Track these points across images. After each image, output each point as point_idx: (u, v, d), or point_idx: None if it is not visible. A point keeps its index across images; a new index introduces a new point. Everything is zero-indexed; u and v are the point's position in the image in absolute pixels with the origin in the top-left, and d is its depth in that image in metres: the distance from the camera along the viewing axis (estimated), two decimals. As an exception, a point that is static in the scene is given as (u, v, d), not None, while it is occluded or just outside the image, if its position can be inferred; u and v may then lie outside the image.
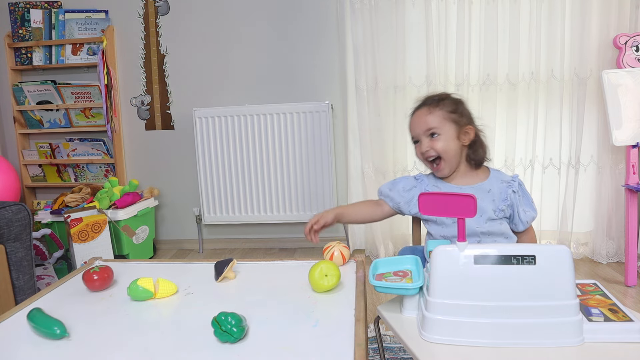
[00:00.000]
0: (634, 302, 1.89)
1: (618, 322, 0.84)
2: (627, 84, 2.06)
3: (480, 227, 1.17)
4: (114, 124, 2.65)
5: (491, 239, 1.18)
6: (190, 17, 2.65)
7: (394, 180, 1.33)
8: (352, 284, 0.99)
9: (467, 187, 1.21)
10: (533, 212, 1.24)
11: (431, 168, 1.26)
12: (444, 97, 1.25)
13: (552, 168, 2.37)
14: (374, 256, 2.52)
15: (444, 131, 1.20)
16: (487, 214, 1.18)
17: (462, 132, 1.21)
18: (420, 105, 1.27)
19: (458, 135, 1.21)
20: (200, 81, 2.69)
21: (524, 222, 1.22)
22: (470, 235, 1.17)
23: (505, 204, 1.19)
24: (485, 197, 1.20)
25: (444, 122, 1.20)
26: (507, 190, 1.21)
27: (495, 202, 1.19)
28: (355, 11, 2.36)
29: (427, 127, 1.21)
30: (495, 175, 1.25)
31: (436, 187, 1.24)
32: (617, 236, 2.31)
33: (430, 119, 1.21)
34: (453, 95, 1.27)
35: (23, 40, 2.68)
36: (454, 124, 1.21)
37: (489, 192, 1.21)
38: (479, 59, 2.34)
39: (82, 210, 2.22)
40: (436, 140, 1.20)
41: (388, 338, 1.63)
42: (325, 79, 2.60)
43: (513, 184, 1.22)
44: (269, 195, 2.60)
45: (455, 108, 1.23)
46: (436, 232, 1.23)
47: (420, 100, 1.29)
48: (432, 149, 1.20)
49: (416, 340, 0.85)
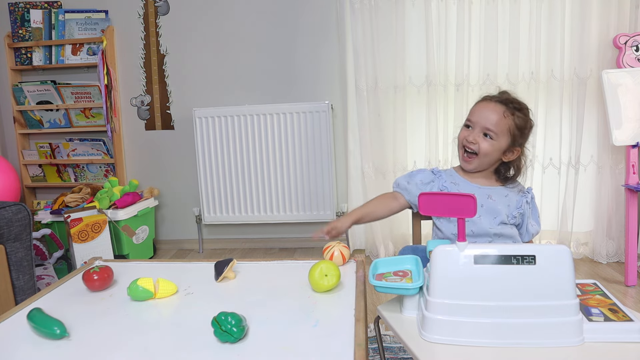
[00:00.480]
0: (634, 302, 1.89)
1: (618, 322, 0.84)
2: (627, 84, 2.06)
3: (493, 228, 1.18)
4: (114, 124, 2.65)
5: (502, 241, 1.18)
6: (190, 17, 2.65)
7: (411, 173, 1.30)
8: (352, 284, 0.99)
9: (486, 188, 1.21)
10: (538, 227, 1.25)
11: (461, 155, 1.24)
12: (523, 108, 1.21)
13: (552, 168, 2.37)
14: (374, 256, 2.52)
15: (499, 139, 1.18)
16: (501, 217, 1.18)
17: (510, 149, 1.20)
18: (499, 101, 1.20)
19: (505, 150, 1.19)
20: (200, 81, 2.69)
21: (529, 234, 1.24)
22: (482, 235, 1.18)
23: (518, 211, 1.20)
24: (501, 201, 1.20)
25: (505, 132, 1.17)
26: (522, 200, 1.21)
27: (509, 208, 1.20)
28: (355, 11, 2.36)
29: (490, 127, 1.17)
30: (513, 184, 1.26)
31: (454, 184, 1.24)
32: (617, 236, 2.31)
33: (500, 122, 1.17)
34: (529, 113, 1.23)
35: (23, 41, 2.68)
36: (510, 139, 1.18)
37: (506, 197, 1.21)
38: (479, 59, 2.34)
39: (82, 210, 2.22)
40: (487, 141, 1.18)
41: (388, 338, 1.63)
42: (325, 79, 2.60)
43: (527, 195, 1.23)
44: (269, 195, 2.60)
45: (524, 126, 1.20)
46: (447, 230, 1.23)
47: (500, 97, 1.22)
48: (477, 144, 1.18)
49: (416, 340, 0.85)
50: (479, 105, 1.23)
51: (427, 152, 2.44)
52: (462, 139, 1.22)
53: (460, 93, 2.35)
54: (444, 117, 2.40)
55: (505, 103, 1.20)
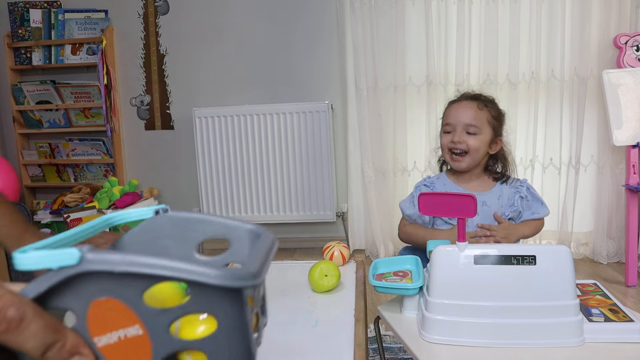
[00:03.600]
0: (634, 302, 1.88)
1: (618, 322, 0.84)
2: (627, 84, 2.06)
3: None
4: (114, 123, 2.65)
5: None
6: (189, 17, 2.65)
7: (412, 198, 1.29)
8: (352, 284, 0.99)
9: (479, 194, 1.22)
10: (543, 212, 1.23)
11: (450, 159, 1.25)
12: (493, 100, 1.26)
13: (552, 168, 2.37)
14: (374, 256, 2.51)
15: (482, 132, 1.20)
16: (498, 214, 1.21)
17: (494, 140, 1.23)
18: (468, 97, 1.25)
19: (490, 142, 1.22)
20: (200, 81, 2.69)
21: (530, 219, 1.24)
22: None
23: (511, 209, 1.21)
24: (495, 204, 1.22)
25: (486, 124, 1.21)
26: (514, 196, 1.22)
27: (503, 208, 1.22)
28: (355, 11, 2.36)
29: (471, 122, 1.20)
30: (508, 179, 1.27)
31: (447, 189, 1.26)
32: (617, 236, 2.30)
33: (478, 115, 1.20)
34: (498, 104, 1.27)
35: (22, 40, 2.68)
36: (492, 130, 1.22)
37: (499, 199, 1.22)
38: (479, 59, 2.34)
39: (82, 210, 2.22)
40: (473, 137, 1.20)
41: (388, 338, 1.63)
42: (325, 79, 2.60)
43: (521, 189, 1.23)
44: (269, 195, 2.60)
45: (498, 115, 1.23)
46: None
47: (469, 94, 1.27)
48: (465, 143, 1.20)
49: (416, 340, 0.85)
50: (451, 108, 1.26)
51: (427, 152, 2.44)
52: (446, 144, 1.24)
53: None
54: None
55: (474, 98, 1.24)
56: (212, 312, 0.29)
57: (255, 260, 0.31)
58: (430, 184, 1.28)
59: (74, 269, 0.27)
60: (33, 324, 0.25)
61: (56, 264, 0.27)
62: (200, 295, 0.28)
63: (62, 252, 0.27)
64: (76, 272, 0.27)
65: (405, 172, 2.47)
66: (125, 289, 0.28)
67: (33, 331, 0.25)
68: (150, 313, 0.28)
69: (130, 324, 0.28)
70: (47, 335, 0.25)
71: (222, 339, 0.29)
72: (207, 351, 0.29)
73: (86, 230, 0.36)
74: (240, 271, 0.28)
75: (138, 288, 0.28)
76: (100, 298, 0.28)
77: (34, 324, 0.25)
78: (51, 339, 0.25)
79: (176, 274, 0.27)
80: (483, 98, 1.24)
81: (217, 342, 0.29)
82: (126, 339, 0.28)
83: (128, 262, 0.27)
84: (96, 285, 0.28)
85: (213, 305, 0.29)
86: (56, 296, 0.27)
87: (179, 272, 0.27)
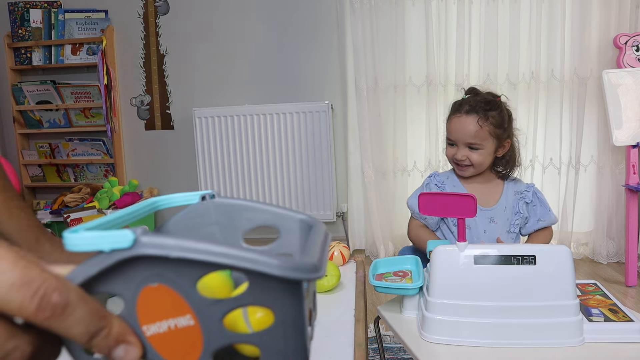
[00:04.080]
0: (634, 302, 1.88)
1: (618, 322, 0.84)
2: (627, 84, 2.06)
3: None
4: (114, 124, 2.65)
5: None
6: (189, 17, 2.65)
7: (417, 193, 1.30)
8: (352, 284, 0.99)
9: (487, 210, 1.22)
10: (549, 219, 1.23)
11: (456, 167, 1.26)
12: (494, 106, 1.20)
13: (552, 168, 2.37)
14: (374, 256, 2.51)
15: (485, 146, 1.19)
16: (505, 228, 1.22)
17: (500, 145, 1.22)
18: (469, 110, 1.21)
19: (496, 150, 1.21)
20: (200, 81, 2.69)
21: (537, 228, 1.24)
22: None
23: (517, 217, 1.21)
24: (502, 219, 1.22)
25: (488, 137, 1.18)
26: (518, 203, 1.21)
27: (509, 221, 1.22)
28: (355, 11, 2.36)
29: (472, 140, 1.19)
30: (510, 187, 1.25)
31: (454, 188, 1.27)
32: (617, 236, 2.30)
33: (479, 132, 1.18)
34: (503, 103, 1.23)
35: (22, 40, 2.68)
36: (496, 140, 1.20)
37: (504, 210, 1.22)
38: (479, 59, 2.34)
39: (82, 210, 2.22)
40: (475, 153, 1.20)
41: (388, 338, 1.63)
42: (325, 79, 2.60)
43: (527, 194, 1.22)
44: (269, 195, 2.59)
45: (502, 122, 1.19)
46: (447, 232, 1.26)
47: (470, 103, 1.21)
48: (467, 159, 1.20)
49: (416, 340, 0.85)
50: (452, 121, 1.25)
51: (427, 152, 2.44)
52: (450, 156, 1.25)
53: (461, 93, 2.34)
54: (444, 117, 2.40)
55: (475, 110, 1.19)
56: (269, 305, 0.27)
57: (313, 252, 0.29)
58: (441, 184, 1.28)
59: (127, 252, 0.25)
60: (78, 309, 0.23)
61: (109, 246, 0.25)
62: (256, 286, 0.27)
63: (115, 233, 0.25)
64: (130, 255, 0.25)
65: (405, 172, 2.47)
66: (178, 276, 0.26)
67: (78, 317, 0.23)
68: (203, 303, 0.26)
69: (181, 313, 0.26)
70: (92, 322, 0.24)
71: (278, 334, 0.27)
72: (262, 346, 0.28)
73: (134, 213, 0.34)
74: (303, 263, 0.26)
75: (192, 276, 0.26)
76: (152, 285, 0.26)
77: (79, 310, 0.23)
78: (96, 326, 0.24)
79: (236, 262, 0.25)
80: (483, 107, 1.19)
81: (272, 336, 0.27)
82: (176, 329, 0.26)
83: (184, 247, 0.25)
84: (148, 270, 0.26)
85: (270, 298, 0.27)
86: (104, 281, 0.26)
87: (239, 261, 0.25)
